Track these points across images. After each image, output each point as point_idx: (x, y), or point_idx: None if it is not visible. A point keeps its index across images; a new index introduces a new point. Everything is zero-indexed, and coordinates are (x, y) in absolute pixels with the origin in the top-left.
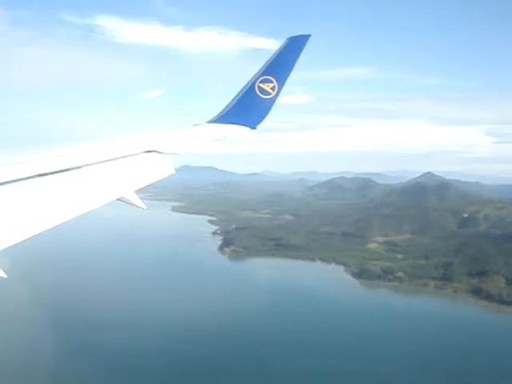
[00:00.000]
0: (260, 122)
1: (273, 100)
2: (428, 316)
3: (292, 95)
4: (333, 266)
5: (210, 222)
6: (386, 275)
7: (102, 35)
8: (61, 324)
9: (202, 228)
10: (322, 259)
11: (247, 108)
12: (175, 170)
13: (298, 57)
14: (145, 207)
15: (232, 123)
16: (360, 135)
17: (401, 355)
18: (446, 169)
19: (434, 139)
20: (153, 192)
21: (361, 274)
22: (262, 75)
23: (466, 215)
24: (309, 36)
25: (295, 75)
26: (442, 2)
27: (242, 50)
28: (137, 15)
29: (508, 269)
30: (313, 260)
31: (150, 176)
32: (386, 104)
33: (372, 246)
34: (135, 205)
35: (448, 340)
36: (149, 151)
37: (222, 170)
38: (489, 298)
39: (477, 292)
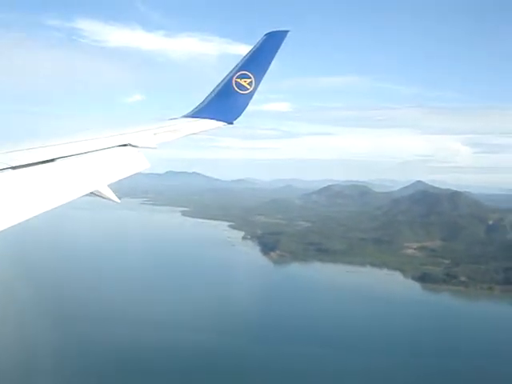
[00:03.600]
0: (237, 117)
1: (250, 95)
2: None
3: (276, 103)
4: (388, 271)
5: (231, 227)
6: (451, 279)
7: (84, 39)
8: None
9: (228, 233)
10: (372, 264)
11: (224, 103)
12: (160, 175)
13: (276, 52)
14: (118, 201)
15: (209, 118)
16: (343, 143)
17: None
18: (427, 178)
19: (413, 148)
20: (148, 197)
21: (423, 279)
22: (239, 70)
23: (491, 222)
24: (287, 32)
25: (281, 83)
26: (424, 15)
27: (224, 56)
28: (118, 19)
29: None
30: (362, 265)
31: (125, 170)
32: (370, 113)
33: (409, 251)
34: (109, 198)
35: None
36: (123, 145)
37: (207, 176)
38: None
39: None
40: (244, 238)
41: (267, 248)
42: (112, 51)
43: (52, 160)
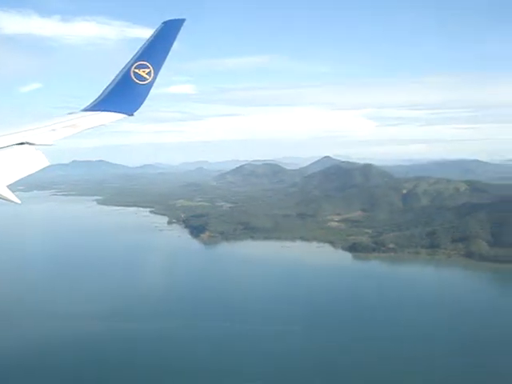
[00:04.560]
0: (137, 108)
1: (149, 85)
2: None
3: (180, 85)
4: (318, 244)
5: (152, 212)
6: (379, 247)
7: None
8: None
9: (151, 219)
10: (301, 238)
11: (123, 94)
12: (65, 165)
13: (174, 41)
14: (19, 202)
15: (108, 110)
16: (250, 124)
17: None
18: (333, 153)
19: (318, 125)
20: (57, 188)
21: (354, 248)
22: (137, 61)
23: (404, 191)
24: (183, 20)
25: (185, 65)
26: None
27: (125, 40)
28: (12, 5)
29: (485, 233)
30: (292, 240)
31: (23, 169)
32: (278, 92)
33: (333, 224)
34: (8, 199)
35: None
36: (20, 143)
37: (113, 163)
38: (483, 258)
39: (469, 255)
40: (169, 222)
41: (196, 230)
42: (6, 39)
43: None
